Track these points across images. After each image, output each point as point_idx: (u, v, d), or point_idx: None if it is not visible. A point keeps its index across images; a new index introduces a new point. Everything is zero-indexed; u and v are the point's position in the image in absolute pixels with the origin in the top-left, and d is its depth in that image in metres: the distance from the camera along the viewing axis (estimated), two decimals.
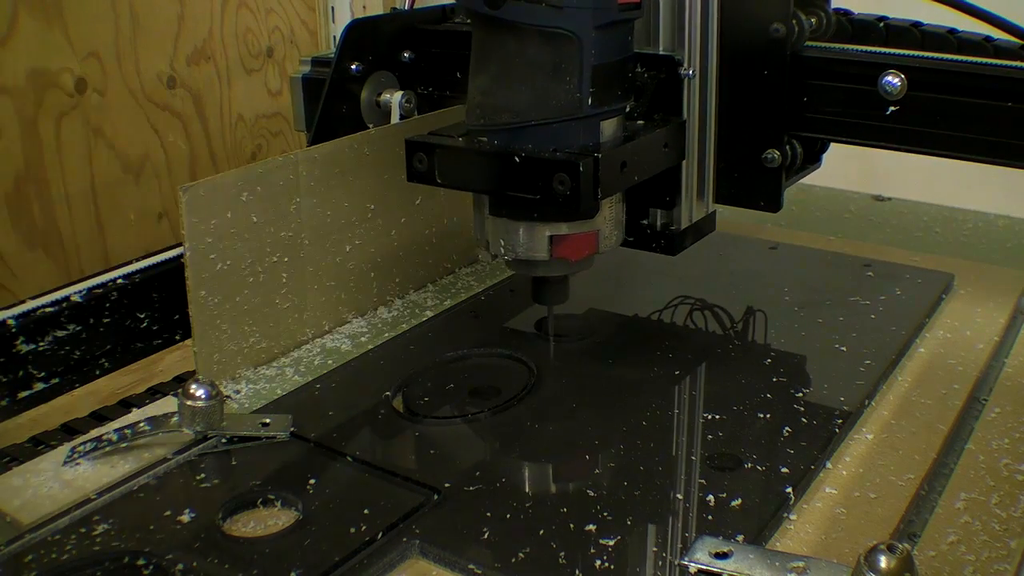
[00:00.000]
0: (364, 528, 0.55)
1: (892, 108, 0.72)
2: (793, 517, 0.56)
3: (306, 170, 0.74)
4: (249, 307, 0.71)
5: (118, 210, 1.19)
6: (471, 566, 0.52)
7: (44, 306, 0.68)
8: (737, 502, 0.56)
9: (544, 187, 0.62)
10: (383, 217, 0.81)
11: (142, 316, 0.74)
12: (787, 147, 0.76)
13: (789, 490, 0.57)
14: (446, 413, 0.67)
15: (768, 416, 0.65)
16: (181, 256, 0.68)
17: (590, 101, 0.63)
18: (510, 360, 0.74)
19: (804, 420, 0.64)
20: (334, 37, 1.48)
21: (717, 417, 0.65)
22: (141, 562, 0.53)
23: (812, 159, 0.81)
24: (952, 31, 0.77)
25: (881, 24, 0.80)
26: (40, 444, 0.66)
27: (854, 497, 0.57)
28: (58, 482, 0.61)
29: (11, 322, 0.66)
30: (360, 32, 0.84)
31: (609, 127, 0.66)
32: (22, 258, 1.09)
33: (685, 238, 0.76)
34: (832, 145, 0.81)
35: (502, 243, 0.67)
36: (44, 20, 1.08)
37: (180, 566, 0.52)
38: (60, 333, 0.69)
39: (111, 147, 1.18)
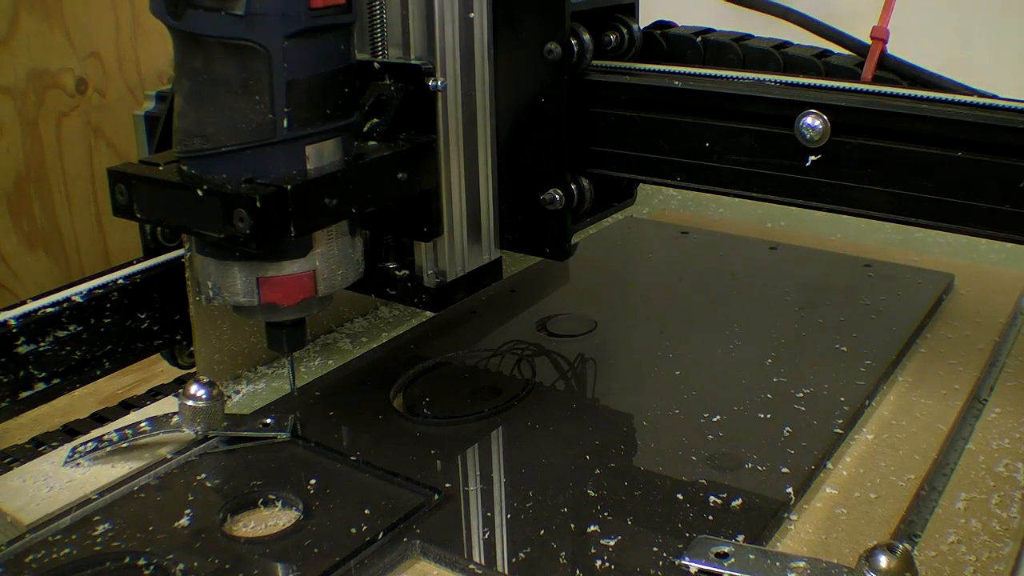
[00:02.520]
0: (364, 528, 0.55)
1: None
2: (793, 517, 0.56)
3: None
4: None
5: None
6: (471, 566, 0.52)
7: (45, 306, 0.68)
8: (737, 502, 0.56)
9: (226, 224, 0.53)
10: None
11: (143, 316, 0.74)
12: (572, 186, 0.66)
13: (789, 490, 0.57)
14: (446, 413, 0.67)
15: (768, 416, 0.65)
16: (181, 256, 0.67)
17: (286, 123, 0.54)
18: (510, 360, 0.74)
19: (804, 420, 0.64)
20: None
21: (717, 417, 0.65)
22: (142, 562, 0.53)
23: (620, 196, 0.72)
24: (782, 45, 0.69)
25: (699, 39, 0.70)
26: (41, 444, 0.66)
27: (854, 497, 0.57)
28: (59, 482, 0.61)
29: (12, 322, 0.66)
30: None
31: (323, 150, 0.56)
32: (22, 258, 1.09)
33: (457, 290, 0.66)
34: None
35: (210, 286, 0.58)
36: (44, 20, 1.08)
37: (181, 566, 0.52)
38: (61, 333, 0.69)
39: (111, 147, 1.18)
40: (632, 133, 0.65)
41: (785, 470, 0.59)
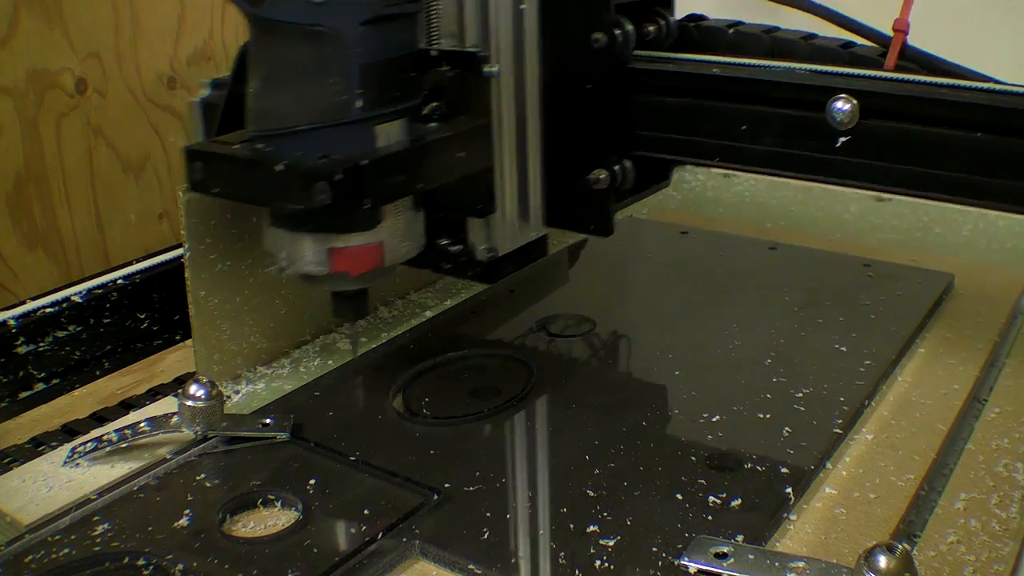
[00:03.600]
0: (364, 528, 0.55)
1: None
2: (793, 517, 0.56)
3: None
4: (249, 307, 0.71)
5: (118, 210, 1.19)
6: (471, 566, 0.52)
7: (45, 306, 0.68)
8: (737, 502, 0.56)
9: (306, 197, 0.57)
10: None
11: (142, 316, 0.74)
12: (616, 168, 0.70)
13: (789, 490, 0.57)
14: (446, 413, 0.67)
15: (768, 416, 0.65)
16: (181, 256, 0.68)
17: (360, 104, 0.59)
18: (510, 360, 0.74)
19: (804, 420, 0.64)
20: None
21: (717, 417, 0.65)
22: (141, 562, 0.53)
23: (657, 177, 0.76)
24: (808, 36, 0.72)
25: (731, 31, 0.75)
26: (40, 445, 0.66)
27: (854, 497, 0.57)
28: (58, 482, 0.61)
29: (12, 322, 0.66)
30: None
31: (390, 131, 0.61)
32: (22, 258, 1.09)
33: (507, 265, 0.70)
34: None
35: (284, 256, 0.63)
36: (44, 20, 1.08)
37: (180, 566, 0.52)
38: (60, 333, 0.69)
39: (111, 147, 1.18)
40: (672, 117, 0.69)
41: (785, 470, 0.59)
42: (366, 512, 0.56)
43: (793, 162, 0.66)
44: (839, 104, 0.62)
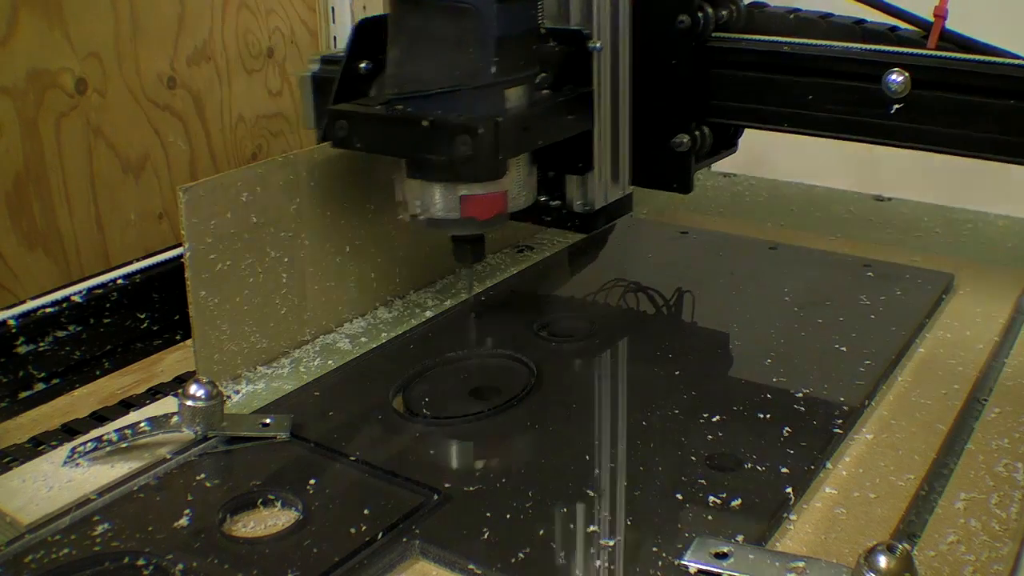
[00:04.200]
0: (364, 528, 0.55)
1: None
2: (793, 517, 0.56)
3: (306, 170, 0.74)
4: (249, 307, 0.72)
5: (118, 210, 1.19)
6: (471, 566, 0.52)
7: (44, 306, 0.68)
8: (737, 502, 0.56)
9: (449, 149, 0.66)
10: (383, 217, 0.81)
11: (142, 316, 0.74)
12: (696, 132, 0.81)
13: (789, 490, 0.57)
14: (446, 413, 0.67)
15: (768, 416, 0.65)
16: (181, 256, 0.68)
17: (493, 70, 0.67)
18: (510, 360, 0.74)
19: (804, 420, 0.64)
20: (334, 38, 1.48)
21: (717, 417, 0.65)
22: (141, 562, 0.53)
23: (727, 144, 0.87)
24: (859, 21, 0.82)
25: (791, 16, 0.85)
26: (40, 444, 0.66)
27: (854, 497, 0.57)
28: (58, 482, 0.61)
29: (12, 322, 0.66)
30: (369, 31, 0.83)
31: (514, 95, 0.70)
32: (22, 258, 1.09)
33: (600, 217, 0.81)
34: (832, 146, 0.82)
35: (418, 203, 0.71)
36: (44, 20, 1.08)
37: (180, 566, 0.52)
38: (60, 333, 0.69)
39: (111, 147, 1.18)
40: (746, 89, 0.80)
41: (785, 470, 0.59)
42: (366, 512, 0.56)
43: (853, 127, 0.77)
44: (894, 76, 0.73)
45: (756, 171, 1.15)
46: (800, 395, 0.67)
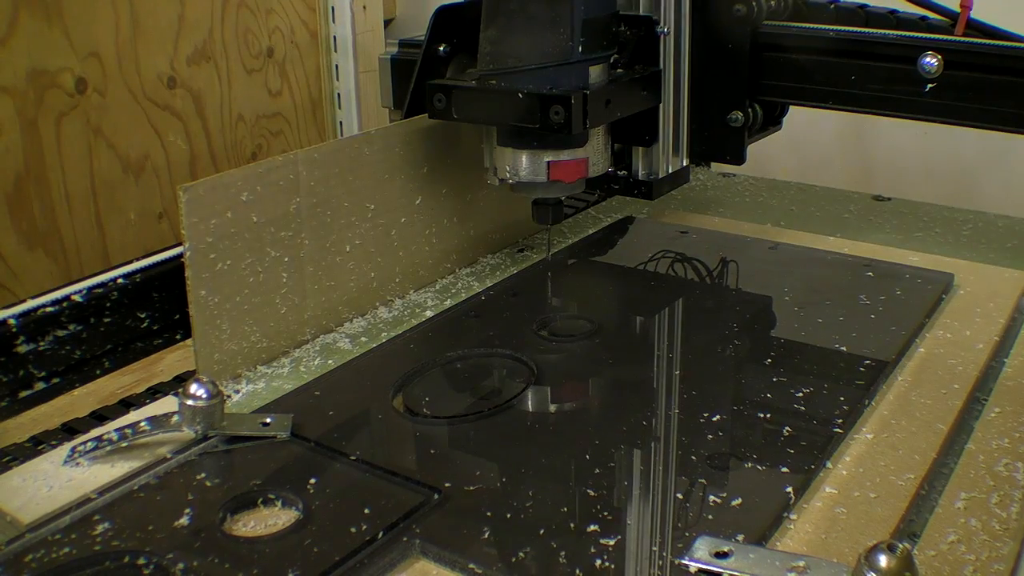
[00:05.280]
0: (364, 528, 0.55)
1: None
2: (793, 517, 0.56)
3: (306, 170, 0.74)
4: (249, 307, 0.72)
5: (118, 210, 1.19)
6: (471, 566, 0.52)
7: (45, 306, 0.68)
8: (737, 502, 0.56)
9: (542, 118, 0.74)
10: (383, 217, 0.81)
11: (142, 316, 0.74)
12: (749, 110, 0.92)
13: (789, 490, 0.57)
14: (446, 413, 0.67)
15: (768, 416, 0.65)
16: (181, 256, 0.68)
17: (580, 49, 0.76)
18: (510, 360, 0.74)
19: (804, 420, 0.64)
20: (334, 38, 1.48)
21: (717, 417, 0.65)
22: (141, 562, 0.53)
23: (773, 122, 0.97)
24: (892, 11, 0.93)
25: (832, 7, 0.96)
26: (40, 444, 0.66)
27: (854, 497, 0.57)
28: (58, 482, 0.61)
29: (12, 322, 0.66)
30: (447, 17, 0.92)
31: (596, 72, 0.78)
32: (22, 258, 1.09)
33: (663, 185, 0.92)
34: (831, 147, 0.84)
35: (508, 169, 0.79)
36: (44, 20, 1.08)
37: (180, 566, 0.52)
38: (61, 333, 0.69)
39: (111, 147, 1.18)
40: (795, 70, 0.91)
41: (785, 470, 0.59)
42: (366, 512, 0.56)
43: (890, 104, 0.87)
44: (928, 59, 0.83)
45: (756, 171, 1.15)
46: (800, 395, 0.67)
